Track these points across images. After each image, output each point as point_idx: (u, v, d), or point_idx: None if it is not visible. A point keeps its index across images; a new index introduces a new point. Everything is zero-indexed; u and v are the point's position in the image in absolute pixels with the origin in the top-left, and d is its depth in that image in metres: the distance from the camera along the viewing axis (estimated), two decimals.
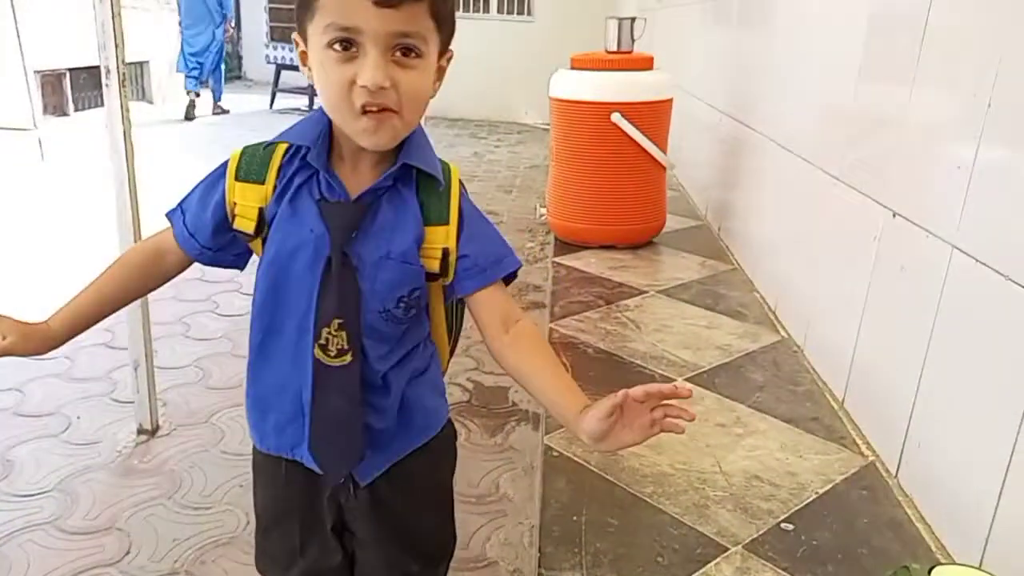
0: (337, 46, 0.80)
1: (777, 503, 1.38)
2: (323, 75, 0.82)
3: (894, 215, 1.63)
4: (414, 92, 0.82)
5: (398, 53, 0.80)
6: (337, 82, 0.80)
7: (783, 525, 1.33)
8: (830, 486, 1.45)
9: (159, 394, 2.14)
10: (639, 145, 2.92)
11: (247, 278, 3.09)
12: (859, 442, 1.63)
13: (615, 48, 3.06)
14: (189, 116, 7.81)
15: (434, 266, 0.90)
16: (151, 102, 8.30)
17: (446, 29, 0.86)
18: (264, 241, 0.91)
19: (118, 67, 1.85)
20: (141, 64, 8.17)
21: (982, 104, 1.33)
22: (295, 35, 0.90)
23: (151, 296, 2.05)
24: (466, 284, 0.92)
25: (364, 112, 0.80)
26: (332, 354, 0.88)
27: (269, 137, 0.90)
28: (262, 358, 0.93)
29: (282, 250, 0.88)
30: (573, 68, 3.07)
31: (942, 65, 1.52)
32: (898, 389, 1.52)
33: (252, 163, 0.91)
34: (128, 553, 1.63)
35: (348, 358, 0.88)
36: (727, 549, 1.27)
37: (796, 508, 1.37)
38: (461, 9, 8.51)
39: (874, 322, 1.69)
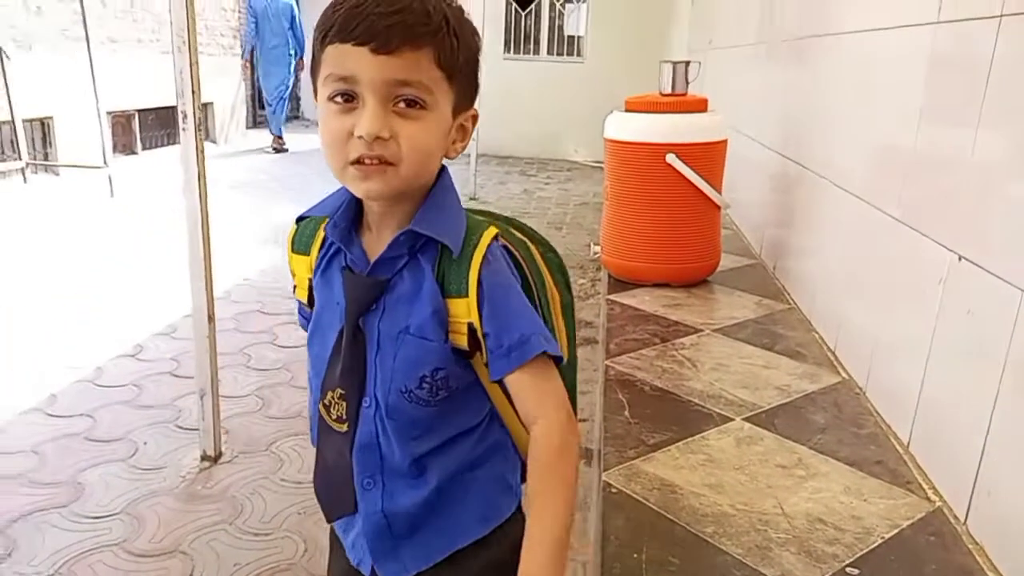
0: (338, 98, 0.78)
1: (842, 547, 1.36)
2: (323, 127, 0.81)
3: (960, 258, 1.61)
4: (416, 144, 0.78)
5: (400, 104, 0.78)
6: (333, 131, 0.79)
7: (848, 570, 1.30)
8: (896, 531, 1.42)
9: (222, 422, 2.20)
10: (694, 185, 2.93)
11: None
12: (925, 487, 1.59)
13: (669, 90, 3.10)
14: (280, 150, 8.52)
15: (462, 342, 0.83)
16: (214, 142, 8.61)
17: (461, 82, 0.82)
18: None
19: (194, 111, 1.94)
20: (206, 105, 8.51)
21: None
22: (315, 97, 0.87)
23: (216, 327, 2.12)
24: (493, 367, 0.83)
25: (357, 162, 0.78)
26: (333, 417, 0.89)
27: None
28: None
29: (318, 321, 0.91)
30: (628, 110, 3.11)
31: (1008, 104, 1.51)
32: (967, 434, 1.48)
33: (303, 234, 0.93)
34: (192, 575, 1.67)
35: (344, 427, 0.88)
36: None
37: (861, 553, 1.34)
38: (512, 50, 8.68)
39: (940, 365, 1.67)
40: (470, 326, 0.82)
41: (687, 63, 3.11)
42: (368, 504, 0.89)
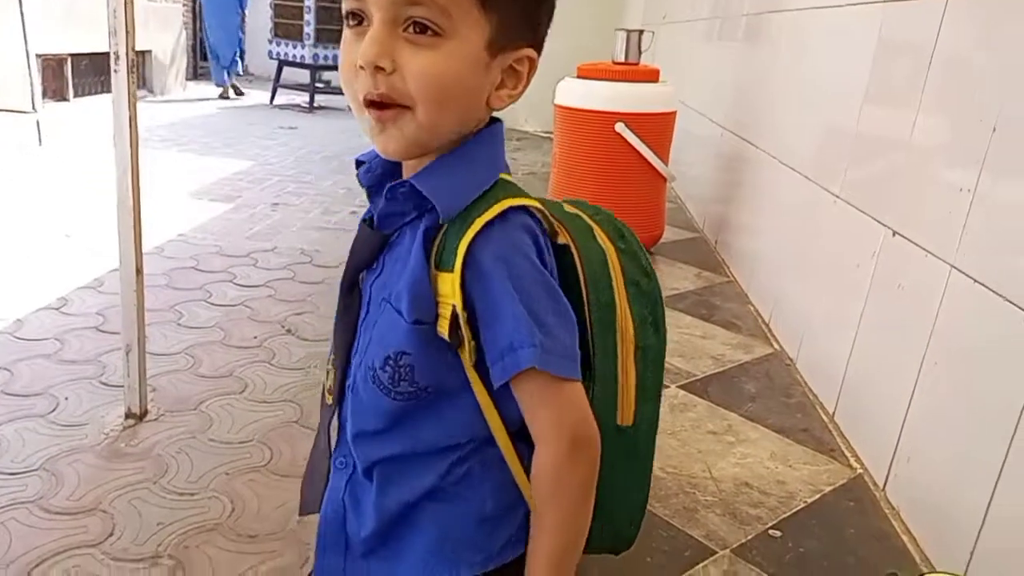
0: (350, 19, 0.65)
1: (766, 510, 1.39)
2: (339, 57, 0.68)
3: (894, 234, 1.65)
4: (428, 78, 0.62)
5: (411, 28, 0.62)
6: (344, 65, 0.66)
7: (771, 532, 1.33)
8: (818, 496, 1.45)
9: (149, 379, 2.12)
10: (641, 156, 2.93)
11: (240, 269, 3.09)
12: (848, 454, 1.63)
13: (622, 59, 3.08)
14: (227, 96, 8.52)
15: (444, 327, 0.65)
16: (151, 91, 8.29)
17: (502, 10, 0.64)
18: None
19: (127, 54, 1.84)
20: (143, 53, 8.17)
21: (987, 129, 1.34)
22: None
23: (145, 282, 2.05)
24: (492, 372, 0.65)
25: (369, 105, 0.64)
26: (327, 386, 0.78)
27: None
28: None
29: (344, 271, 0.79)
30: (579, 77, 3.09)
31: (948, 90, 1.54)
32: (889, 404, 1.53)
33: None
34: (111, 535, 1.62)
35: (330, 399, 0.77)
36: (715, 552, 1.28)
37: (784, 516, 1.38)
38: None
39: (869, 338, 1.70)
40: (453, 311, 0.64)
41: (640, 32, 3.10)
42: (335, 481, 0.77)
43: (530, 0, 0.67)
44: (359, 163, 0.77)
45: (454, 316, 0.64)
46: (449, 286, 0.64)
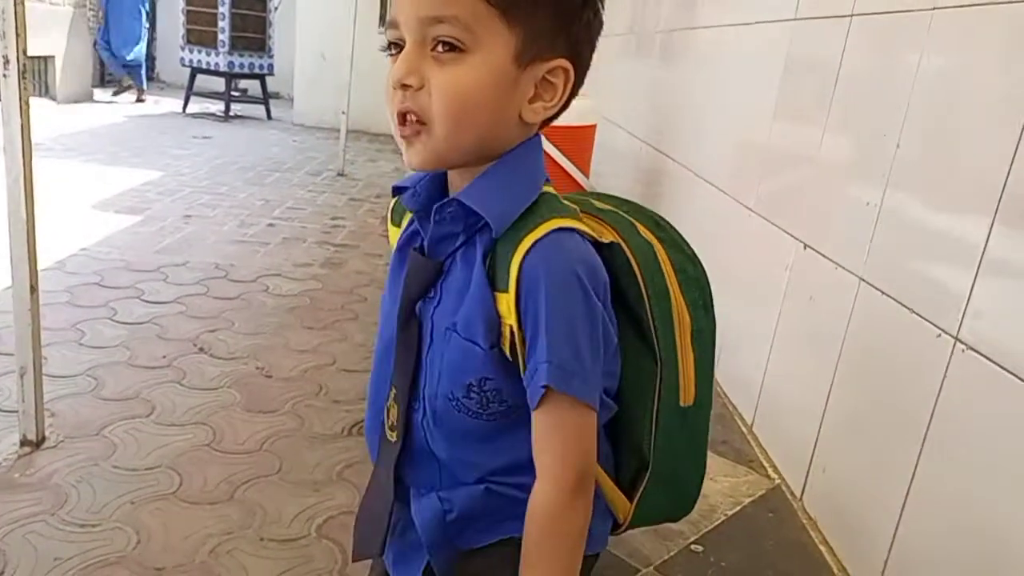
0: (392, 48, 0.68)
1: (688, 524, 1.39)
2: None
3: (805, 247, 1.69)
4: (450, 96, 0.64)
5: (438, 47, 0.64)
6: (385, 87, 0.68)
7: (693, 547, 1.34)
8: (739, 508, 1.47)
9: (47, 403, 2.00)
10: (561, 167, 2.95)
11: (149, 284, 2.95)
12: (767, 465, 1.66)
13: None
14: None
15: (506, 347, 0.68)
16: (54, 99, 7.91)
17: (530, 20, 0.64)
18: None
19: (19, 57, 1.74)
20: (45, 59, 7.79)
21: (891, 145, 1.39)
22: None
23: (42, 299, 1.93)
24: (527, 395, 0.67)
25: (400, 123, 0.67)
26: (388, 424, 0.76)
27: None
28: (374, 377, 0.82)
29: (383, 308, 0.79)
30: None
31: (854, 107, 1.59)
32: (804, 415, 1.56)
33: (399, 204, 0.80)
34: (3, 573, 1.51)
35: (394, 436, 0.75)
36: (638, 571, 1.27)
37: (706, 530, 1.39)
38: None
39: (784, 349, 1.74)
40: (511, 330, 0.66)
41: None
42: (423, 505, 0.76)
43: (559, 9, 0.66)
44: (400, 189, 0.77)
45: (512, 336, 0.66)
46: (505, 306, 0.66)
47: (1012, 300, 1.06)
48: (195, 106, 8.32)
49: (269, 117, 8.41)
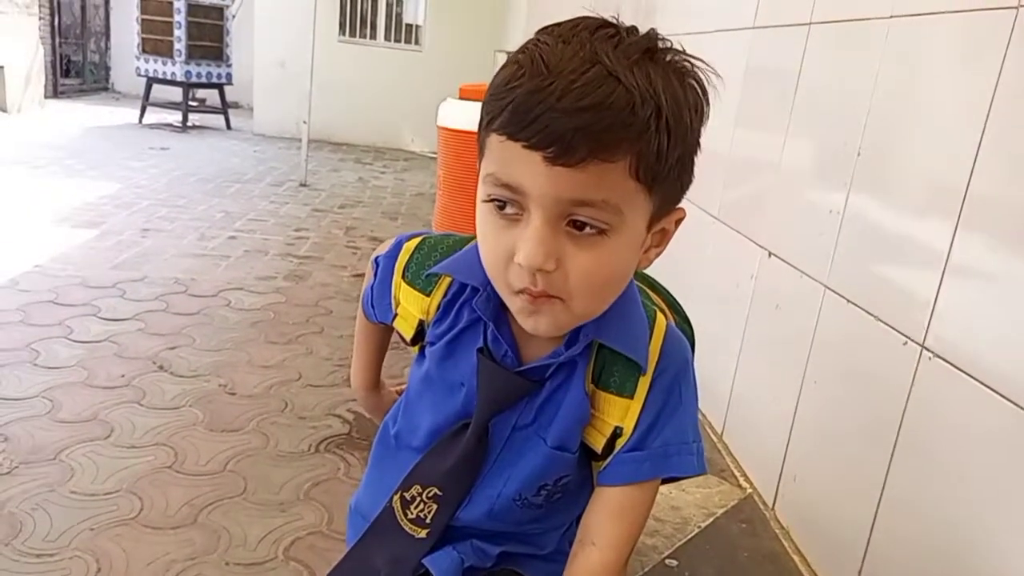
0: (498, 204, 0.61)
1: (661, 539, 1.39)
2: (480, 233, 0.64)
3: (770, 255, 1.70)
4: (591, 278, 0.60)
5: (573, 224, 0.59)
6: (493, 251, 0.62)
7: (668, 561, 1.33)
8: (711, 520, 1.47)
9: None
10: None
11: (105, 301, 2.88)
12: (737, 474, 1.66)
13: None
14: None
15: (596, 443, 0.70)
16: (5, 110, 7.71)
17: (667, 187, 0.61)
18: (422, 350, 0.78)
19: None
20: None
21: (852, 153, 1.40)
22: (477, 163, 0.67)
23: None
24: (614, 471, 0.69)
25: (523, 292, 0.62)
26: (409, 517, 0.74)
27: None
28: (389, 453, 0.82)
29: (428, 393, 0.76)
30: (462, 98, 3.07)
31: (814, 116, 1.61)
32: (774, 423, 1.57)
33: (422, 268, 0.76)
34: None
35: (422, 533, 0.74)
36: None
37: (680, 543, 1.38)
38: (347, 33, 8.40)
39: (751, 357, 1.75)
40: (616, 429, 0.68)
41: None
42: (436, 556, 0.76)
43: (686, 162, 0.62)
44: (466, 287, 0.73)
45: (613, 435, 0.68)
46: (621, 409, 0.68)
47: (976, 307, 1.07)
48: (152, 117, 8.18)
49: (228, 127, 8.30)
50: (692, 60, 0.63)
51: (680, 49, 0.63)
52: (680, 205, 0.66)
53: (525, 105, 0.55)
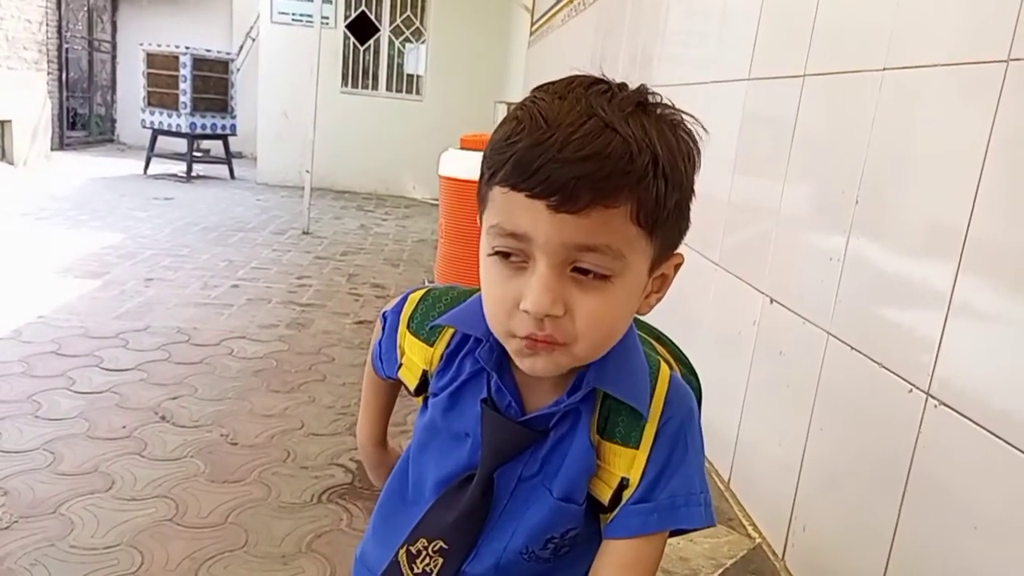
0: (499, 255, 0.62)
1: None
2: (484, 283, 0.65)
3: (771, 301, 1.71)
4: (596, 322, 0.61)
5: (580, 272, 0.60)
6: (496, 298, 0.63)
7: None
8: (721, 571, 1.45)
9: None
10: None
11: (108, 352, 2.88)
12: (746, 523, 1.64)
13: None
14: None
15: (603, 494, 0.69)
16: (11, 163, 7.80)
17: (666, 231, 0.63)
18: (425, 401, 0.79)
19: None
20: (2, 123, 7.71)
21: (850, 200, 1.42)
22: (478, 216, 0.68)
23: None
24: (622, 523, 0.69)
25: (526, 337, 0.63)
26: (416, 570, 0.74)
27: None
28: (401, 506, 0.81)
29: (432, 444, 0.77)
30: (462, 148, 3.12)
31: (811, 164, 1.63)
32: (781, 471, 1.55)
33: (426, 319, 0.77)
34: None
35: None
36: None
37: None
38: (350, 84, 8.55)
39: (756, 404, 1.74)
40: (623, 481, 0.68)
41: None
42: None
43: (683, 208, 0.64)
44: (469, 336, 0.74)
45: (620, 486, 0.68)
46: (627, 460, 0.68)
47: (981, 353, 1.07)
48: (156, 167, 8.27)
49: (232, 177, 8.39)
50: (681, 113, 0.65)
51: (669, 102, 0.65)
52: (678, 251, 0.67)
53: (527, 157, 0.58)
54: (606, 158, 0.57)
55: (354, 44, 8.56)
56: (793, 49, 1.70)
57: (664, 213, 0.61)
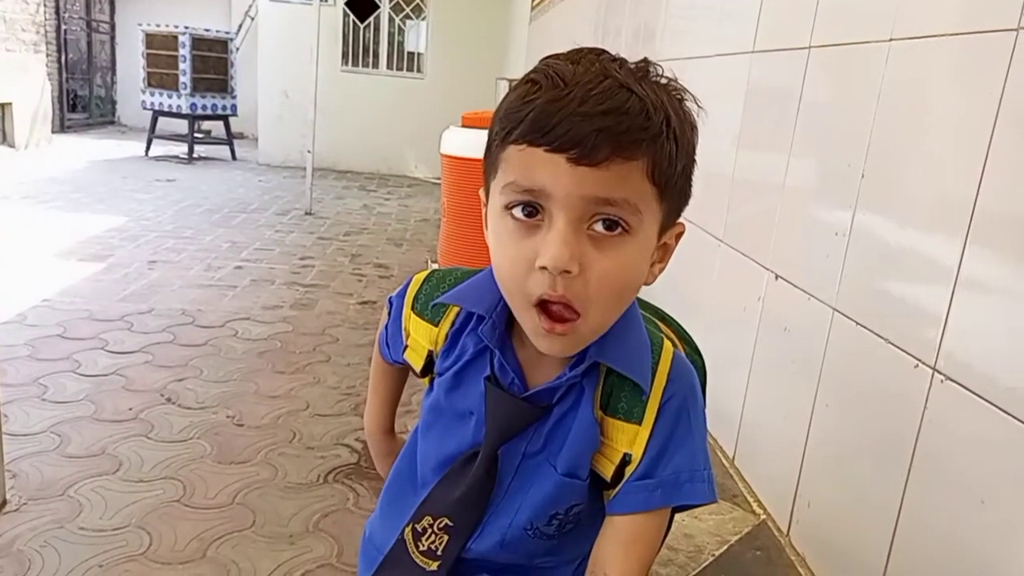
0: (517, 211, 0.61)
1: (675, 568, 1.37)
2: (497, 247, 0.64)
3: (776, 277, 1.70)
4: (611, 283, 0.61)
5: (598, 225, 0.60)
6: (512, 260, 0.62)
7: None
8: (725, 547, 1.45)
9: (8, 464, 1.93)
10: None
11: (112, 334, 2.89)
12: (751, 500, 1.65)
13: None
14: None
15: (606, 470, 0.70)
16: (12, 145, 7.79)
17: (673, 196, 0.64)
18: (431, 382, 0.79)
19: None
20: (3, 105, 7.68)
21: (856, 174, 1.40)
22: (480, 191, 0.70)
23: (2, 354, 1.87)
24: (624, 499, 0.69)
25: (541, 305, 0.62)
26: (420, 548, 0.74)
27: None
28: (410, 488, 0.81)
29: (438, 424, 0.77)
30: (464, 126, 3.09)
31: (817, 137, 1.61)
32: (786, 447, 1.55)
33: (430, 299, 0.78)
34: None
35: (434, 566, 0.74)
36: None
37: (694, 573, 1.36)
38: (350, 63, 8.49)
39: (761, 380, 1.74)
40: (625, 456, 0.69)
41: None
42: None
43: (689, 174, 0.66)
44: (472, 315, 0.74)
45: (623, 461, 0.69)
46: (629, 435, 0.68)
47: (987, 327, 1.06)
48: (158, 149, 8.25)
49: (234, 158, 8.36)
50: (682, 89, 0.67)
51: (672, 76, 0.66)
52: (680, 221, 0.69)
53: (546, 112, 0.59)
54: (624, 113, 0.58)
55: (354, 22, 8.48)
56: (798, 20, 1.68)
57: (674, 175, 0.62)
